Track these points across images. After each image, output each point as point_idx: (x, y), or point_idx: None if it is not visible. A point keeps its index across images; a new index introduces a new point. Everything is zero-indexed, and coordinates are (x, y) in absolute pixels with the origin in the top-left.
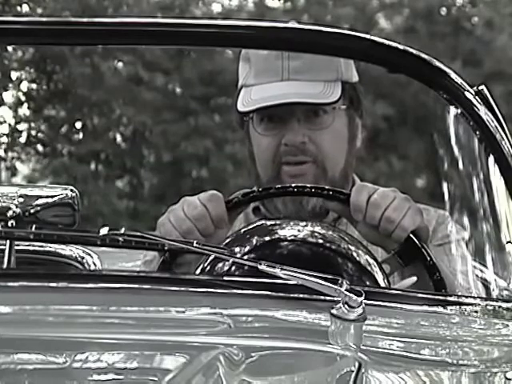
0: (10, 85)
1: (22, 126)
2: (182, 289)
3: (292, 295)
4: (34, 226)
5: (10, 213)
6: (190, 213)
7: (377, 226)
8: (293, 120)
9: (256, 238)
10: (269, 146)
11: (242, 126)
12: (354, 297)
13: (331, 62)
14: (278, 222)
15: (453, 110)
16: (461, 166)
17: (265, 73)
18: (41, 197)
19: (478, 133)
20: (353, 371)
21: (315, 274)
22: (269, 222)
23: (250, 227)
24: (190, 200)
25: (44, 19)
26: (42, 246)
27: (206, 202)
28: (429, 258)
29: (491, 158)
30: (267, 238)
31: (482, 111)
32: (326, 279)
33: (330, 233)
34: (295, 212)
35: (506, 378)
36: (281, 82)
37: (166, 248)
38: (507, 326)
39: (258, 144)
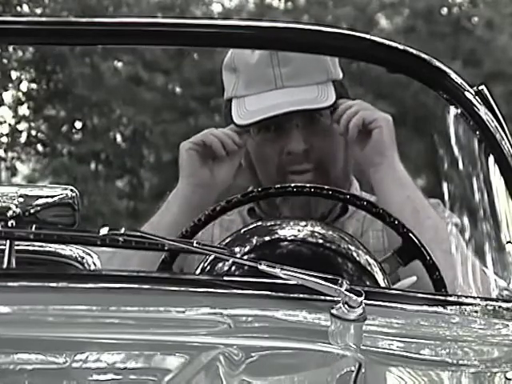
0: (10, 85)
1: (22, 126)
2: (182, 289)
3: (292, 295)
4: (34, 226)
5: (10, 213)
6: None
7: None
8: (292, 128)
9: (256, 237)
10: (271, 157)
11: None
12: (354, 297)
13: (320, 62)
14: (277, 221)
15: (453, 110)
16: (461, 165)
17: (257, 82)
18: (41, 197)
19: (477, 133)
20: (353, 371)
21: (315, 274)
22: (268, 222)
23: (249, 227)
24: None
25: (44, 19)
26: (41, 246)
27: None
28: (428, 258)
29: (491, 158)
30: (267, 238)
31: (482, 111)
32: (326, 279)
33: (330, 233)
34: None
35: (506, 378)
36: (275, 90)
37: (166, 248)
38: (507, 325)
39: (258, 155)
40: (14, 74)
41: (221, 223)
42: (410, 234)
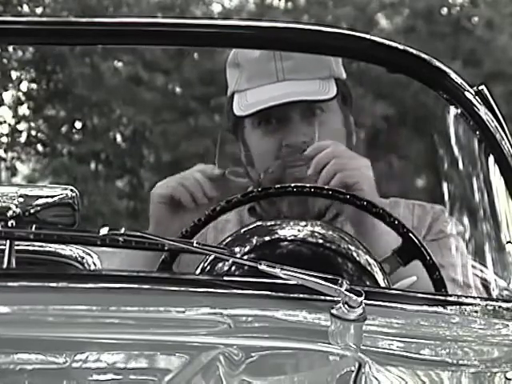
0: (10, 85)
1: (22, 126)
2: (182, 289)
3: (292, 295)
4: (34, 226)
5: (10, 213)
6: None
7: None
8: (291, 120)
9: (256, 237)
10: (269, 149)
11: (235, 134)
12: (354, 297)
13: (323, 59)
14: (277, 221)
15: (453, 110)
16: (461, 165)
17: (258, 76)
18: (41, 197)
19: (477, 133)
20: (353, 371)
21: (315, 274)
22: (268, 222)
23: (249, 227)
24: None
25: (44, 19)
26: (42, 246)
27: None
28: (428, 257)
29: (491, 158)
30: (267, 238)
31: (482, 111)
32: (326, 279)
33: (330, 233)
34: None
35: (506, 378)
36: (277, 82)
37: (166, 248)
38: (507, 325)
39: (257, 148)
40: (14, 74)
41: (216, 225)
42: (410, 234)
